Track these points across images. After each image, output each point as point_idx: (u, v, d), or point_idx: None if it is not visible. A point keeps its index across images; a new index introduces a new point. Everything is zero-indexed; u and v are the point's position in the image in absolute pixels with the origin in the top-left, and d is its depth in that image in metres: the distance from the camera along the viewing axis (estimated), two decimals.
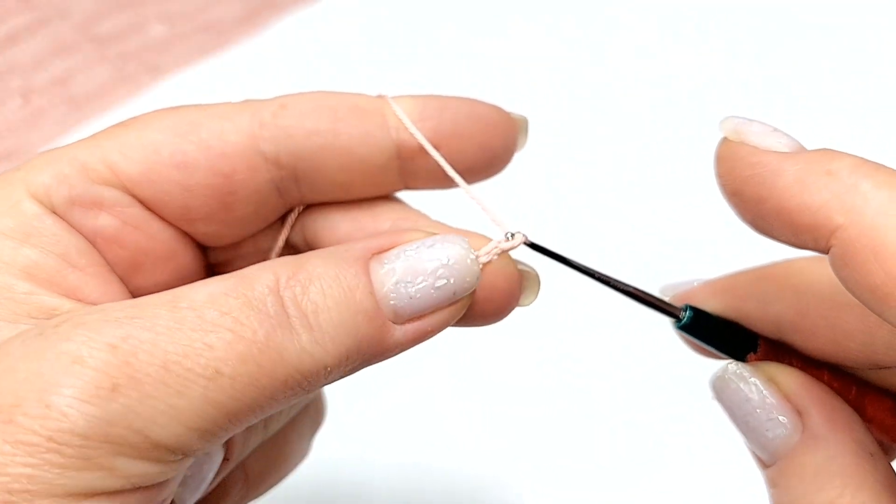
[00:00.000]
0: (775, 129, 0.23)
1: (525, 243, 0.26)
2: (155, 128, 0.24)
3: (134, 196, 0.24)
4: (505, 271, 0.25)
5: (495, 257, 0.25)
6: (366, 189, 0.26)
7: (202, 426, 0.21)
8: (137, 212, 0.25)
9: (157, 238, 0.25)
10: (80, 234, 0.24)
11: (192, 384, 0.20)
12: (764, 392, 0.25)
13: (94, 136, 0.25)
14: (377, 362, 0.24)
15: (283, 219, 0.28)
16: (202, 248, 0.28)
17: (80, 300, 0.24)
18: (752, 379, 0.25)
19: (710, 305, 0.27)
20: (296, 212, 0.28)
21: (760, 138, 0.22)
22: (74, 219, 0.24)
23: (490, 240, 0.25)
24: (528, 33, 0.73)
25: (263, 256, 0.28)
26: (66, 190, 0.24)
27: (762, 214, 0.22)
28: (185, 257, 0.27)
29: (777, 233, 0.22)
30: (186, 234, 0.27)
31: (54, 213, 0.24)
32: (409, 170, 0.26)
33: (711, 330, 0.26)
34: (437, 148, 0.25)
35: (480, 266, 0.24)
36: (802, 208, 0.21)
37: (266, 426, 0.29)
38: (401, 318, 0.23)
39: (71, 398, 0.19)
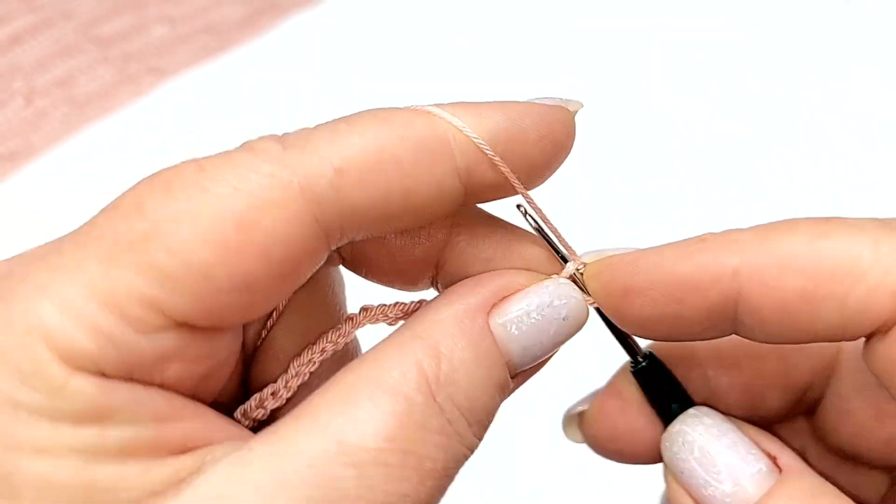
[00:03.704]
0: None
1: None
2: (207, 245, 0.20)
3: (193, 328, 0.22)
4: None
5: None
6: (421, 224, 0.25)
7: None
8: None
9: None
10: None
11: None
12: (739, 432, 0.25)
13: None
14: None
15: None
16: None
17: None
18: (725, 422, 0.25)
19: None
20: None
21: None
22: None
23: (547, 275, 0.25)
24: (529, 34, 0.73)
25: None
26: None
27: (660, 299, 0.23)
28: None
29: (682, 314, 0.23)
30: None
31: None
32: (469, 194, 0.24)
33: (661, 382, 0.27)
34: (499, 155, 0.23)
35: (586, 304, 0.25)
36: (698, 268, 0.23)
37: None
38: (515, 371, 0.24)
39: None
